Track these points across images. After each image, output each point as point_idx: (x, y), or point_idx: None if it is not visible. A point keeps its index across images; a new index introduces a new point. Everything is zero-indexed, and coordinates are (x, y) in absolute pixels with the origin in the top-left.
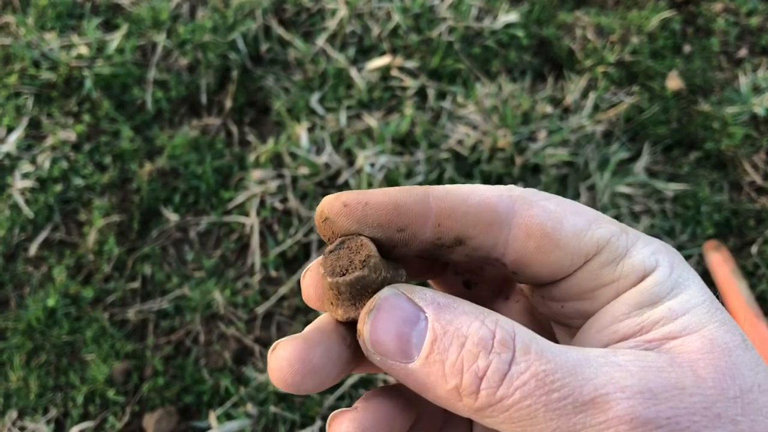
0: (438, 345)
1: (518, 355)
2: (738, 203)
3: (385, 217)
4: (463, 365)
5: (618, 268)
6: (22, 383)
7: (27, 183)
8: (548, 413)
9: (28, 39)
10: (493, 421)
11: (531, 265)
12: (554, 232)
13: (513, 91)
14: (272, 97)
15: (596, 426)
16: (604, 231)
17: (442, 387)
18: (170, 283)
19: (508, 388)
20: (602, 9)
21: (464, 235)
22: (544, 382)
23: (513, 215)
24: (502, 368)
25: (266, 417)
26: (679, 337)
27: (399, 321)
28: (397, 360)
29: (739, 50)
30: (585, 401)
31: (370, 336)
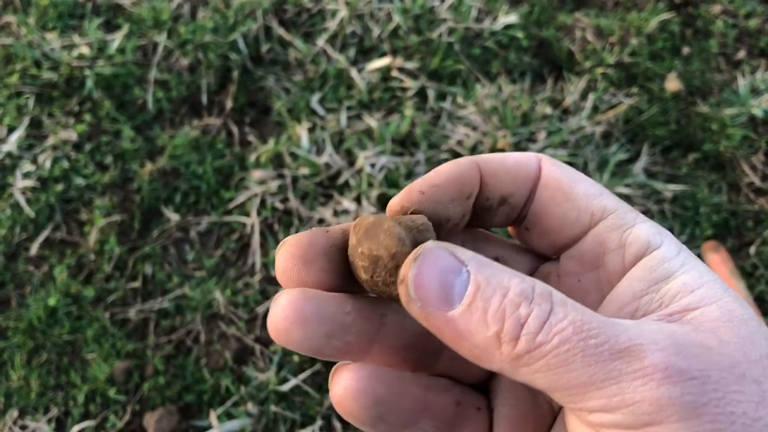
0: (481, 294)
1: (556, 306)
2: (736, 204)
3: (456, 190)
4: (506, 312)
5: (624, 235)
6: (23, 382)
7: (28, 182)
8: (585, 359)
9: (30, 39)
10: (528, 370)
11: (543, 215)
12: (567, 187)
13: (513, 92)
14: (273, 97)
15: (632, 373)
16: (612, 201)
17: (482, 334)
18: (171, 283)
19: (548, 333)
20: (602, 10)
21: (507, 192)
22: (581, 329)
23: (538, 170)
24: (542, 316)
25: (267, 416)
26: (699, 308)
27: (443, 269)
28: (439, 307)
29: (737, 52)
30: (621, 349)
31: (414, 281)
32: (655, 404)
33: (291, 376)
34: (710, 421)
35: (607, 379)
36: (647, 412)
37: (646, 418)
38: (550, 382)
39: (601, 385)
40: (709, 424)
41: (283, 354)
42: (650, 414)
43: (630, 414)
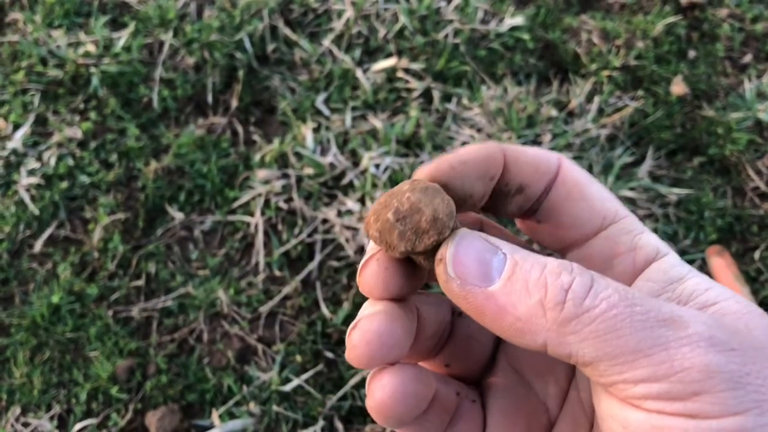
0: (520, 267)
1: (597, 277)
2: (741, 209)
3: (482, 169)
4: (548, 280)
5: (635, 239)
6: (25, 379)
7: (33, 180)
8: (634, 324)
9: (36, 36)
10: (576, 338)
11: (557, 211)
12: (584, 186)
13: (518, 94)
14: (278, 97)
15: (679, 339)
16: (623, 209)
17: (524, 304)
18: (174, 282)
19: (594, 298)
20: (608, 13)
21: (525, 181)
22: (626, 296)
23: (557, 167)
24: (587, 282)
25: (269, 416)
26: (718, 303)
27: (480, 249)
28: (478, 283)
29: (744, 56)
30: (665, 318)
31: (453, 258)
32: (705, 371)
33: (293, 376)
34: (754, 391)
35: (656, 345)
36: (697, 379)
37: (696, 386)
38: (597, 350)
39: (650, 351)
40: (755, 394)
41: (286, 354)
42: (699, 381)
43: (679, 382)
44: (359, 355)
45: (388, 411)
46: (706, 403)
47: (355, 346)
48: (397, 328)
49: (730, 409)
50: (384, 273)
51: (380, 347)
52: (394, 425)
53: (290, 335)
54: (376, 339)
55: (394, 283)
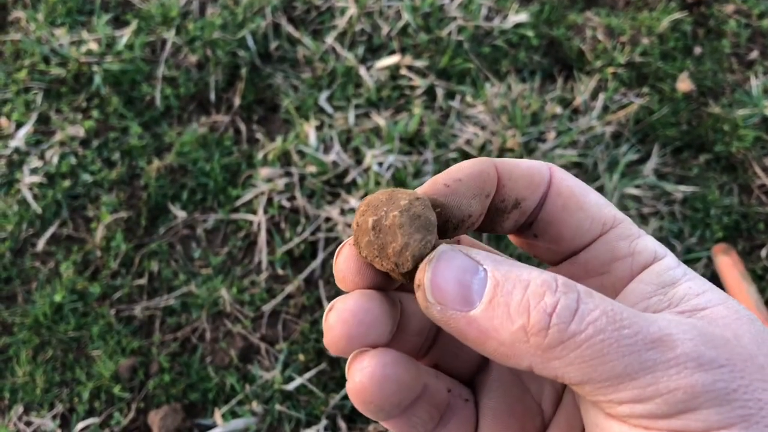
0: (501, 289)
1: (584, 297)
2: (748, 206)
3: (477, 186)
4: (530, 303)
5: (632, 245)
6: (28, 378)
7: (35, 178)
8: (621, 348)
9: (38, 34)
10: (561, 363)
11: (554, 223)
12: (580, 196)
13: (522, 91)
14: (281, 95)
15: (666, 362)
16: (619, 213)
17: (506, 329)
18: (177, 280)
19: (580, 323)
20: (612, 10)
21: (521, 196)
22: (614, 319)
23: (549, 177)
24: (571, 305)
25: (271, 415)
26: (707, 308)
27: (459, 270)
28: (458, 308)
29: (750, 52)
30: (653, 339)
31: (431, 283)
32: (690, 392)
33: (296, 375)
34: (740, 406)
35: (642, 369)
36: (682, 399)
37: (681, 406)
38: (583, 375)
39: (636, 375)
40: (740, 410)
41: (289, 353)
42: (685, 402)
43: (664, 403)
44: (336, 336)
45: (367, 395)
46: (690, 420)
47: (332, 327)
48: (374, 307)
49: (714, 424)
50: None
51: (357, 325)
52: (376, 413)
53: (293, 334)
54: (352, 317)
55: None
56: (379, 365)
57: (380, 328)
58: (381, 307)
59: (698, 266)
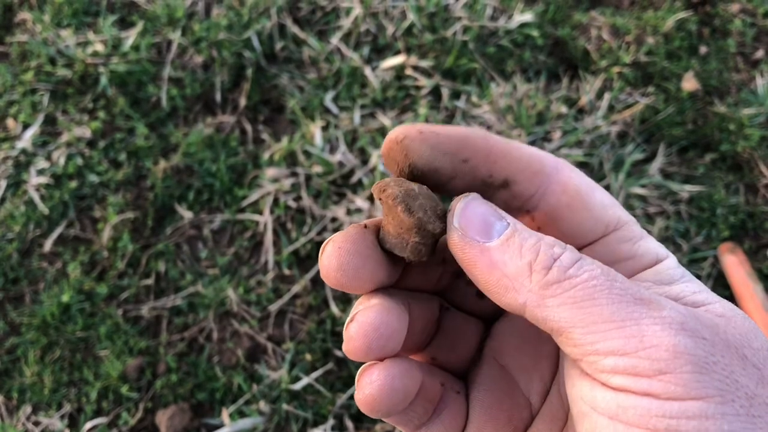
0: (519, 233)
1: (586, 257)
2: (754, 205)
3: (455, 146)
4: (540, 247)
5: (635, 247)
6: (36, 378)
7: (42, 179)
8: (611, 296)
9: (45, 36)
10: (555, 301)
11: (558, 220)
12: (586, 195)
13: (527, 91)
14: (286, 95)
15: (651, 318)
16: (624, 214)
17: (514, 263)
18: (184, 280)
19: (579, 269)
20: (617, 9)
21: (512, 177)
22: (608, 273)
23: (556, 172)
24: (575, 257)
25: (279, 415)
26: (702, 306)
27: (487, 210)
28: (477, 237)
29: (756, 51)
30: (642, 297)
31: (461, 211)
32: (671, 350)
33: (303, 375)
34: (719, 380)
35: (629, 318)
36: (663, 358)
37: (662, 364)
38: (572, 316)
39: (622, 323)
40: (718, 383)
41: (296, 352)
42: (666, 360)
43: (647, 357)
44: (357, 347)
45: (376, 405)
46: (670, 383)
47: (353, 338)
48: (393, 320)
49: (692, 392)
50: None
51: (378, 339)
52: (380, 416)
53: (300, 334)
54: (373, 331)
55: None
56: (388, 378)
57: (396, 339)
58: (398, 319)
59: (704, 265)
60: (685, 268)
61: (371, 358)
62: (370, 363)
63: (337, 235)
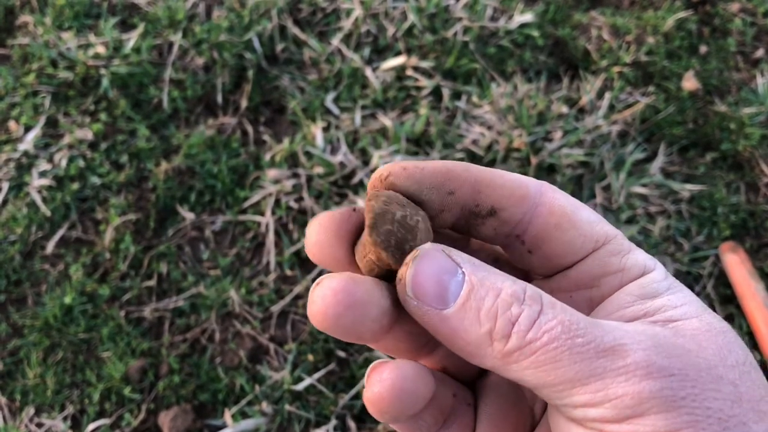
0: (475, 294)
1: (546, 308)
2: (755, 204)
3: (440, 179)
4: (498, 311)
5: (623, 260)
6: (39, 380)
7: (44, 181)
8: (572, 356)
9: (46, 38)
10: (518, 367)
11: (548, 241)
12: (573, 214)
13: (528, 91)
14: (287, 96)
15: (616, 370)
16: (611, 228)
17: (474, 331)
18: (186, 282)
19: (537, 332)
20: (617, 9)
21: (498, 205)
22: (569, 328)
23: (540, 195)
24: (532, 315)
25: (281, 415)
26: (681, 320)
27: (439, 269)
28: (434, 306)
29: (756, 51)
30: (606, 348)
31: (411, 279)
32: (637, 398)
33: (305, 376)
34: (687, 413)
35: (592, 375)
36: (629, 405)
37: (629, 411)
38: (538, 379)
39: (587, 381)
40: (686, 416)
41: (298, 353)
42: (632, 407)
43: (613, 408)
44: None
45: (385, 405)
46: (639, 425)
47: (313, 301)
48: (359, 290)
49: (661, 429)
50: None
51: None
52: (389, 421)
53: (302, 334)
54: (332, 296)
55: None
56: (399, 378)
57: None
58: (367, 293)
59: (706, 264)
60: (673, 279)
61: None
62: (382, 360)
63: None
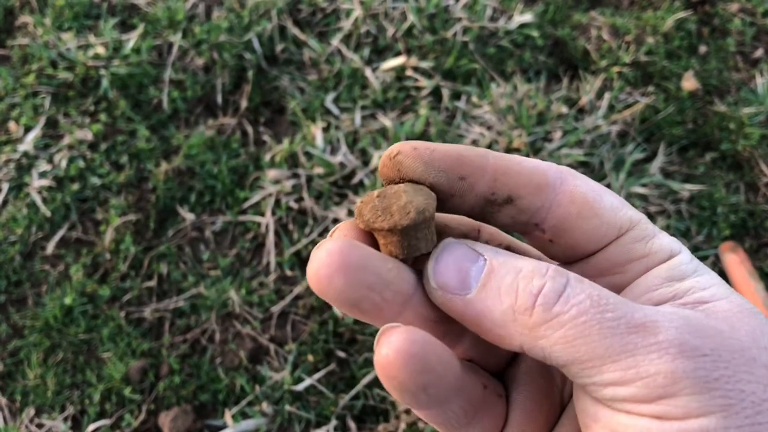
0: (495, 274)
1: (573, 281)
2: (754, 204)
3: (450, 163)
4: (519, 286)
5: (648, 245)
6: (39, 381)
7: (44, 182)
8: (603, 330)
9: (46, 39)
10: (546, 342)
11: (570, 230)
12: (595, 202)
13: (528, 91)
14: (287, 97)
15: (648, 347)
16: (635, 213)
17: (497, 309)
18: (186, 282)
19: (565, 304)
20: (617, 9)
21: (516, 193)
22: (598, 302)
23: (561, 183)
24: (558, 288)
25: (281, 416)
26: (711, 302)
27: (460, 258)
28: (457, 292)
29: (755, 50)
30: (637, 324)
31: (433, 270)
32: (670, 377)
33: (306, 376)
34: (721, 396)
35: (623, 351)
36: (661, 384)
37: (660, 390)
38: (567, 355)
39: (617, 357)
40: (720, 399)
41: (298, 354)
42: (664, 387)
43: (645, 386)
44: (312, 272)
45: (391, 370)
46: (670, 405)
47: (310, 263)
48: (355, 254)
49: (693, 411)
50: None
51: (329, 265)
52: (402, 393)
53: (302, 335)
54: (326, 256)
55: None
56: (407, 342)
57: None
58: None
59: (706, 264)
60: (698, 261)
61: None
62: (392, 324)
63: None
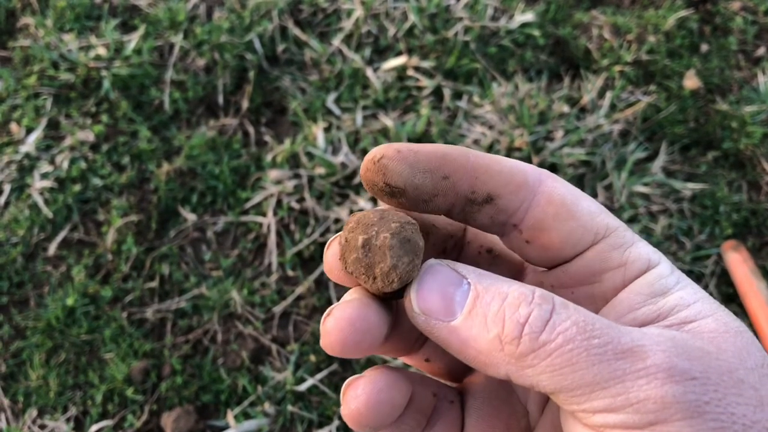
0: (480, 300)
1: (558, 308)
2: (757, 203)
3: (434, 163)
4: (505, 314)
5: (625, 254)
6: (41, 382)
7: (46, 183)
8: (590, 357)
9: (47, 40)
10: (533, 371)
11: (546, 230)
12: (572, 204)
13: (529, 90)
14: (288, 97)
15: (636, 372)
16: (613, 220)
17: (483, 338)
18: (188, 283)
19: (551, 333)
20: (618, 8)
21: (495, 192)
22: (584, 329)
23: (539, 183)
24: (544, 316)
25: (284, 416)
26: (696, 321)
27: (444, 282)
28: (441, 319)
29: (757, 49)
30: (624, 349)
31: (417, 296)
32: (660, 402)
33: (308, 376)
34: (713, 419)
35: (612, 378)
36: (652, 410)
37: (651, 416)
38: (555, 383)
39: (606, 384)
40: (712, 422)
41: (300, 354)
42: (655, 412)
43: (635, 413)
44: (333, 341)
45: (362, 419)
46: (662, 431)
47: (329, 333)
48: (371, 314)
49: None
50: None
51: (353, 333)
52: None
53: (304, 335)
54: (348, 326)
55: None
56: (374, 392)
57: (374, 334)
58: (377, 314)
59: (708, 263)
60: (680, 272)
61: (348, 353)
62: (356, 376)
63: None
